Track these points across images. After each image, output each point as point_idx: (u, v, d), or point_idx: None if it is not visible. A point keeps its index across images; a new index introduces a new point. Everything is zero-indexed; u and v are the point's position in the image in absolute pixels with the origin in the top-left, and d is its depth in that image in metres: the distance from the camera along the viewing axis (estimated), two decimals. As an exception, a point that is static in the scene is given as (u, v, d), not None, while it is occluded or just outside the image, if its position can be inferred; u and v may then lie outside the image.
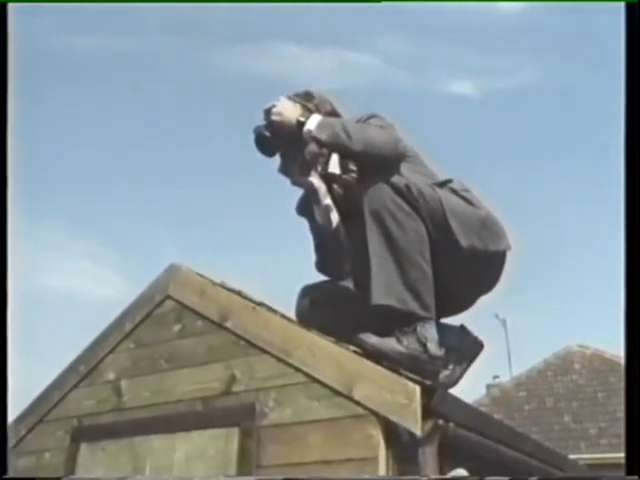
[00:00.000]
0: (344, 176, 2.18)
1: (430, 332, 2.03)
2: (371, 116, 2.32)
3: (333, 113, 2.41)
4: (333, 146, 2.17)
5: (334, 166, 2.17)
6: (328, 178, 2.22)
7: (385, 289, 2.01)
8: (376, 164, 2.15)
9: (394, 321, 2.04)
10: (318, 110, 2.37)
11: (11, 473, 2.49)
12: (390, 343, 2.00)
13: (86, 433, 2.52)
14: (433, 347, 2.02)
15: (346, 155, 2.19)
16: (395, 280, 2.01)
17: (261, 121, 2.36)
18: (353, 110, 2.45)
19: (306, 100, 2.39)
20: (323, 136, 2.17)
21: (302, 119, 2.23)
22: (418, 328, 2.01)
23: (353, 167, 2.18)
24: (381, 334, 2.04)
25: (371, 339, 2.01)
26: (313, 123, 2.22)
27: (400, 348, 1.99)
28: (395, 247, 2.02)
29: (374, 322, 2.07)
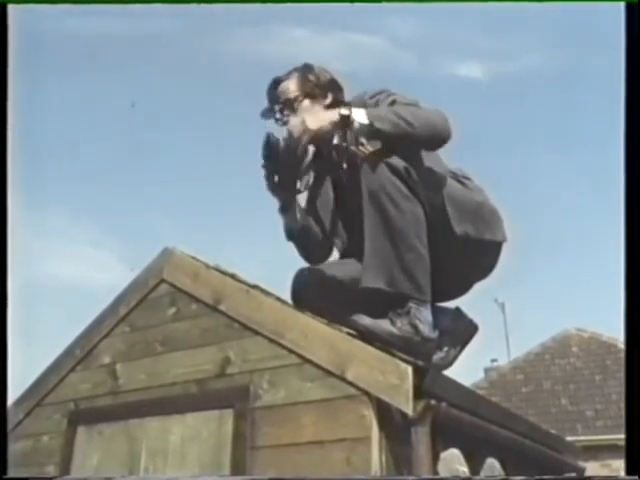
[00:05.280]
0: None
1: (424, 314, 2.02)
2: (381, 91, 2.26)
3: (333, 82, 2.40)
4: (395, 137, 2.03)
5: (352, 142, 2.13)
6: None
7: (377, 272, 2.00)
8: (426, 146, 2.14)
9: (389, 303, 2.04)
10: (318, 79, 2.36)
11: (9, 457, 2.51)
12: (383, 324, 2.01)
13: (83, 416, 2.53)
14: (426, 329, 2.01)
15: (408, 143, 2.08)
16: (390, 262, 1.99)
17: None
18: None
19: (307, 71, 2.38)
20: (386, 127, 1.98)
21: (345, 112, 1.99)
22: (412, 310, 2.00)
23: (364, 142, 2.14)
24: (377, 316, 2.04)
25: (364, 320, 2.01)
26: (362, 116, 1.99)
27: (393, 329, 1.99)
28: (392, 229, 2.00)
29: (370, 304, 2.08)
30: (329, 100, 2.35)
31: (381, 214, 2.01)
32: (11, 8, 1.94)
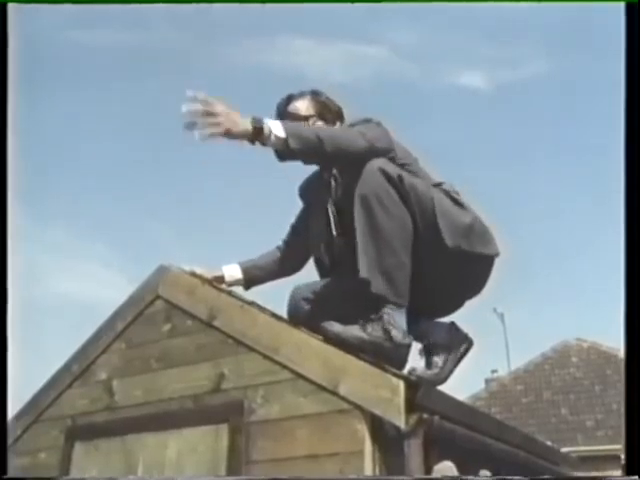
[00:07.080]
0: None
1: (397, 319, 2.00)
2: (366, 120, 2.27)
3: (340, 111, 2.48)
4: (306, 155, 2.08)
5: None
6: None
7: (370, 265, 2.01)
8: (351, 163, 2.17)
9: (367, 308, 2.03)
10: (330, 104, 2.45)
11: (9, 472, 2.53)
12: (353, 330, 1.99)
13: (80, 432, 2.55)
14: (399, 335, 1.99)
15: (317, 161, 2.24)
16: (372, 264, 2.00)
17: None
18: (363, 102, 2.47)
19: (318, 96, 2.45)
20: (299, 146, 1.98)
21: (258, 125, 1.94)
22: (385, 316, 1.99)
23: None
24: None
25: (334, 327, 2.01)
26: (280, 130, 1.96)
27: (362, 335, 1.97)
28: (377, 231, 2.01)
29: (364, 316, 2.09)
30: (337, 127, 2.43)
31: (369, 216, 2.03)
32: (11, 8, 1.96)
